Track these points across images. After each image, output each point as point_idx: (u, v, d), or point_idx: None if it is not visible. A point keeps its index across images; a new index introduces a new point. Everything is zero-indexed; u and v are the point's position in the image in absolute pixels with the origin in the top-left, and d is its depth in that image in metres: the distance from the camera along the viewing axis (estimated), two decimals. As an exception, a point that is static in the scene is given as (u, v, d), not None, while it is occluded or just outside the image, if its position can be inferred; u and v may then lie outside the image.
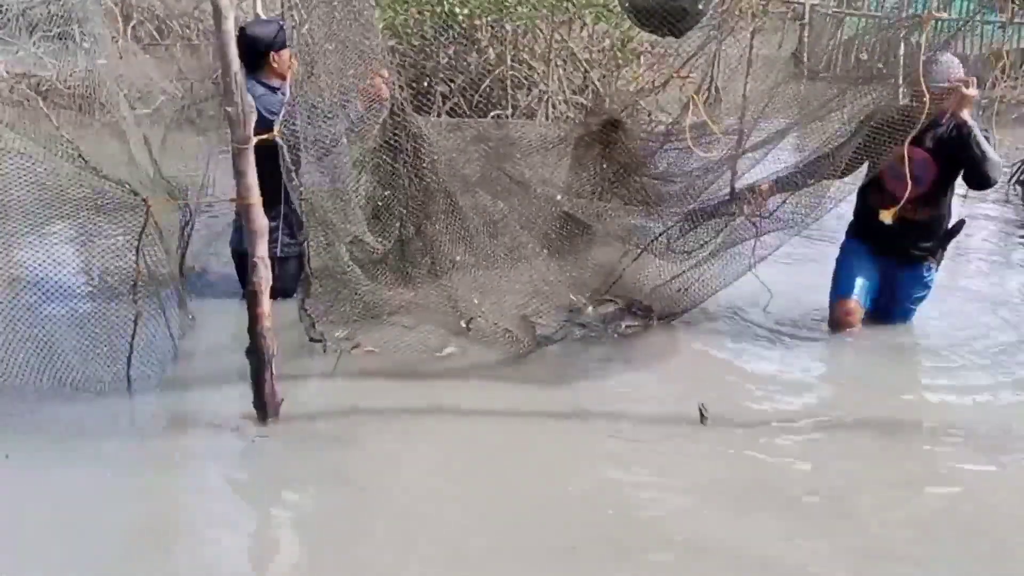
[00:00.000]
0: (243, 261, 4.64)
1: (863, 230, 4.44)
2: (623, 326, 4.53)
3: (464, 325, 4.41)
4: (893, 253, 4.35)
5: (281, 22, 4.77)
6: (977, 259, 6.05)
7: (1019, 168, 8.32)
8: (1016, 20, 11.79)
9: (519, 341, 4.24)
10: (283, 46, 4.61)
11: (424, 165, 4.43)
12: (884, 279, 4.42)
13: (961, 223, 4.37)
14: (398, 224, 4.54)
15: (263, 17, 4.98)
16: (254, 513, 3.22)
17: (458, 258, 4.60)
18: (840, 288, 4.47)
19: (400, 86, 4.54)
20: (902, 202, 4.02)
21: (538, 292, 4.61)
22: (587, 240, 5.15)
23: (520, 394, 3.92)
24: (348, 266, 4.23)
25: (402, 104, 4.36)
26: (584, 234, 5.14)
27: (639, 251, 4.80)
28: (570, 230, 5.07)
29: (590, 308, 4.66)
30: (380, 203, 4.55)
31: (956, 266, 5.59)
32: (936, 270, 4.40)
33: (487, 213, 4.64)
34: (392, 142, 4.42)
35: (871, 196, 4.33)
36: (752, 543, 2.90)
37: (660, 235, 4.71)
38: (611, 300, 4.68)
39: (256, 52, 4.58)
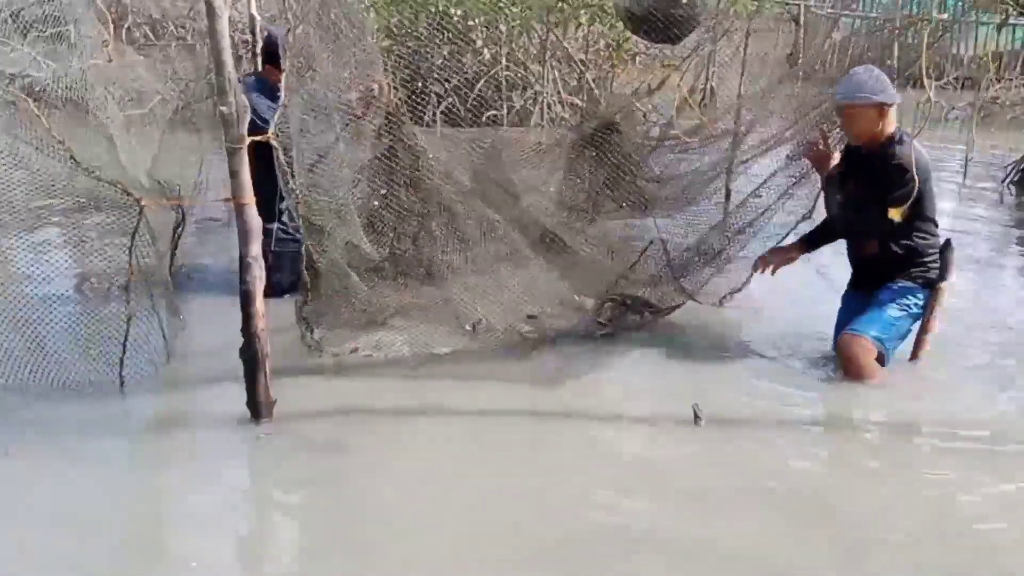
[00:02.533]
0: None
1: (852, 269, 4.29)
2: (629, 319, 4.56)
3: (471, 328, 4.41)
4: (868, 289, 4.12)
5: (277, 33, 4.76)
6: (971, 260, 6.06)
7: (1013, 170, 8.36)
8: (1010, 21, 11.83)
9: (524, 341, 4.24)
10: (269, 57, 4.64)
11: (422, 175, 4.43)
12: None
13: (946, 259, 4.02)
14: (393, 232, 4.55)
15: (257, 17, 4.98)
16: (248, 513, 3.21)
17: (456, 263, 4.60)
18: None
19: (395, 87, 4.54)
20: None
21: (541, 294, 4.62)
22: (586, 243, 5.15)
23: (513, 396, 3.91)
24: (344, 271, 4.23)
25: (400, 113, 4.36)
26: (583, 237, 5.15)
27: (638, 256, 4.83)
28: (570, 235, 5.07)
29: (590, 304, 4.67)
30: (379, 209, 4.55)
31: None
32: (915, 289, 3.99)
33: (486, 221, 4.64)
34: (389, 152, 4.42)
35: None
36: (741, 544, 2.89)
37: (652, 243, 4.74)
38: (613, 298, 4.69)
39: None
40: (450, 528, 2.97)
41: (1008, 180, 8.34)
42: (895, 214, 3.85)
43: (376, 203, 4.52)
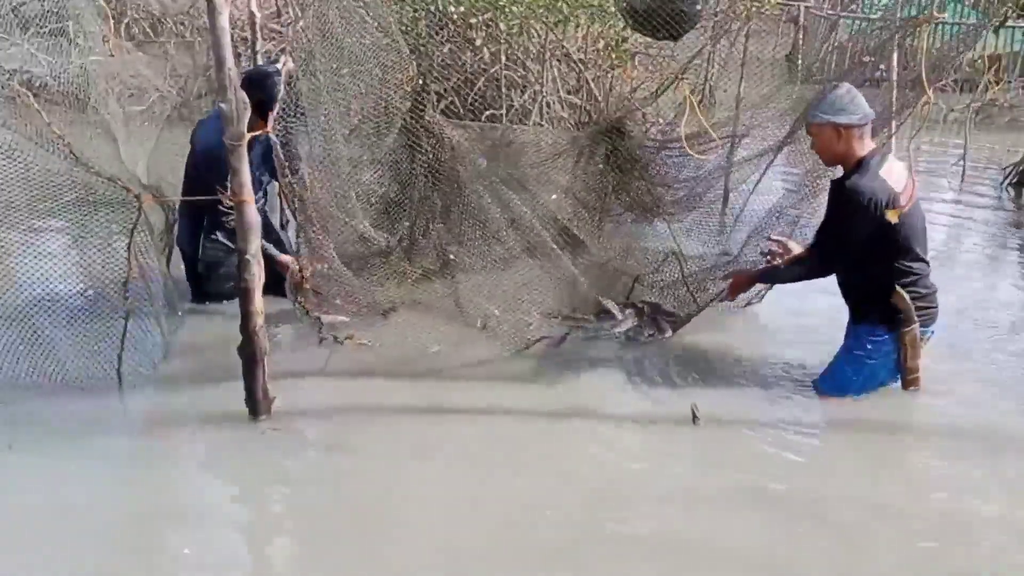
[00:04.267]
0: (188, 259, 4.64)
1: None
2: (645, 334, 4.48)
3: (480, 326, 4.39)
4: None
5: (264, 75, 4.39)
6: (970, 262, 6.07)
7: (1012, 172, 8.36)
8: (1008, 24, 11.82)
9: (526, 340, 4.25)
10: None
11: (443, 167, 4.43)
12: None
13: (901, 308, 3.80)
14: (408, 222, 4.54)
15: (256, 14, 4.95)
16: (245, 510, 3.21)
17: (472, 256, 4.60)
18: None
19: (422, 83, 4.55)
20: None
21: (554, 294, 4.63)
22: (599, 245, 5.14)
23: (512, 395, 3.90)
24: (340, 264, 4.22)
25: (424, 104, 4.36)
26: (595, 239, 5.14)
27: (654, 268, 4.87)
28: (583, 235, 5.07)
29: (614, 308, 4.65)
30: (393, 198, 4.54)
31: (950, 268, 5.61)
32: (880, 341, 3.85)
33: (503, 217, 4.63)
34: (412, 142, 4.41)
35: None
36: (740, 543, 2.89)
37: (668, 257, 4.75)
38: (632, 304, 4.66)
39: None
40: (450, 528, 2.97)
41: (1006, 182, 8.35)
42: (892, 216, 3.67)
43: (394, 188, 4.50)
